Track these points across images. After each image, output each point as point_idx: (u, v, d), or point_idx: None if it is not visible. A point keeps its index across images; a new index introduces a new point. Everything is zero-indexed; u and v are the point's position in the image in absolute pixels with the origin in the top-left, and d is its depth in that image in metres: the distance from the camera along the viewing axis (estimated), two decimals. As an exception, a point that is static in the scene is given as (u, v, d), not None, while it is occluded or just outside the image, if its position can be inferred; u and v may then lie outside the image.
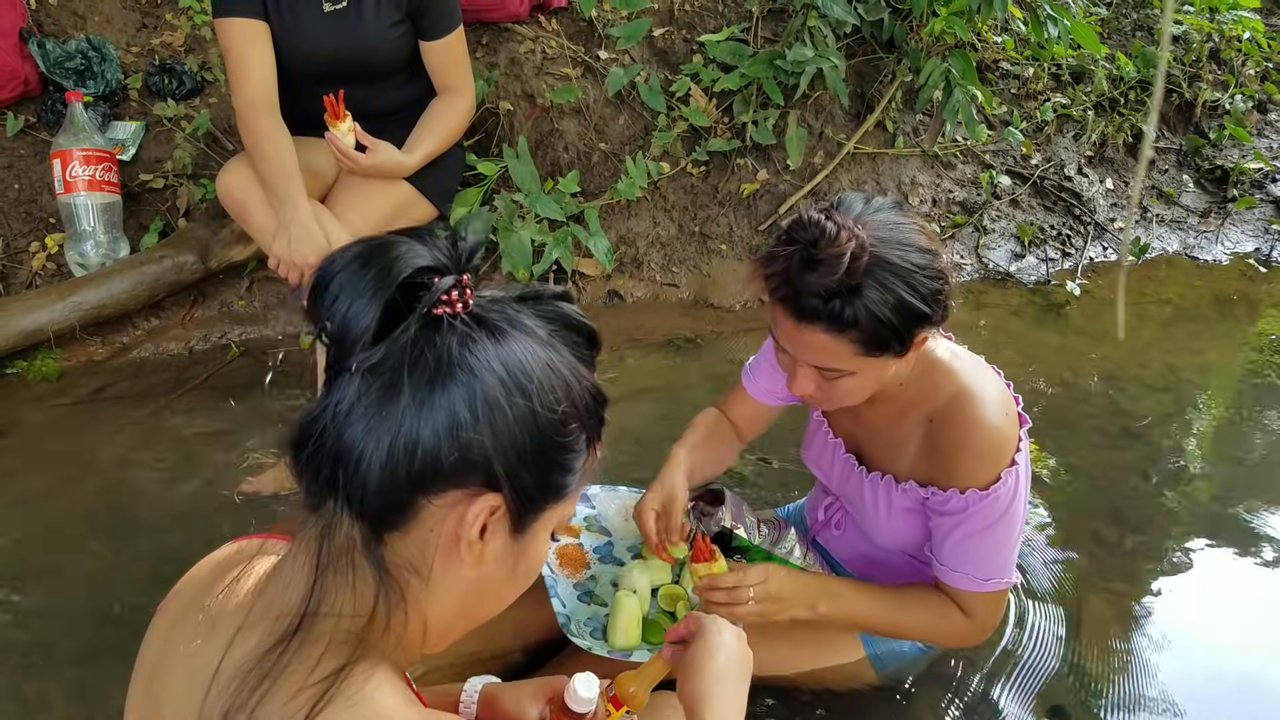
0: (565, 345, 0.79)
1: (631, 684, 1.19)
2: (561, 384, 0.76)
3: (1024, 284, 3.73)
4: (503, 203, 2.97)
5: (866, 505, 1.59)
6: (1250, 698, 1.91)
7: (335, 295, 0.71)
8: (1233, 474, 2.65)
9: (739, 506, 1.72)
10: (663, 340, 3.09)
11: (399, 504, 0.73)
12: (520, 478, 0.76)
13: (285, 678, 0.71)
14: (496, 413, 0.73)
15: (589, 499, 1.90)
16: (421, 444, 0.71)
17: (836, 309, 1.25)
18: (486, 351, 0.73)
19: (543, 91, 3.33)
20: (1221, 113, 4.58)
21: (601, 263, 3.14)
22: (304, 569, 0.76)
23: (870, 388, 1.38)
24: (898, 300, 1.25)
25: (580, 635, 1.56)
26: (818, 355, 1.32)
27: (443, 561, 0.77)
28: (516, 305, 0.78)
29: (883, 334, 1.27)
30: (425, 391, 0.71)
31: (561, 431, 0.77)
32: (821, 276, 1.22)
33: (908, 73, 3.73)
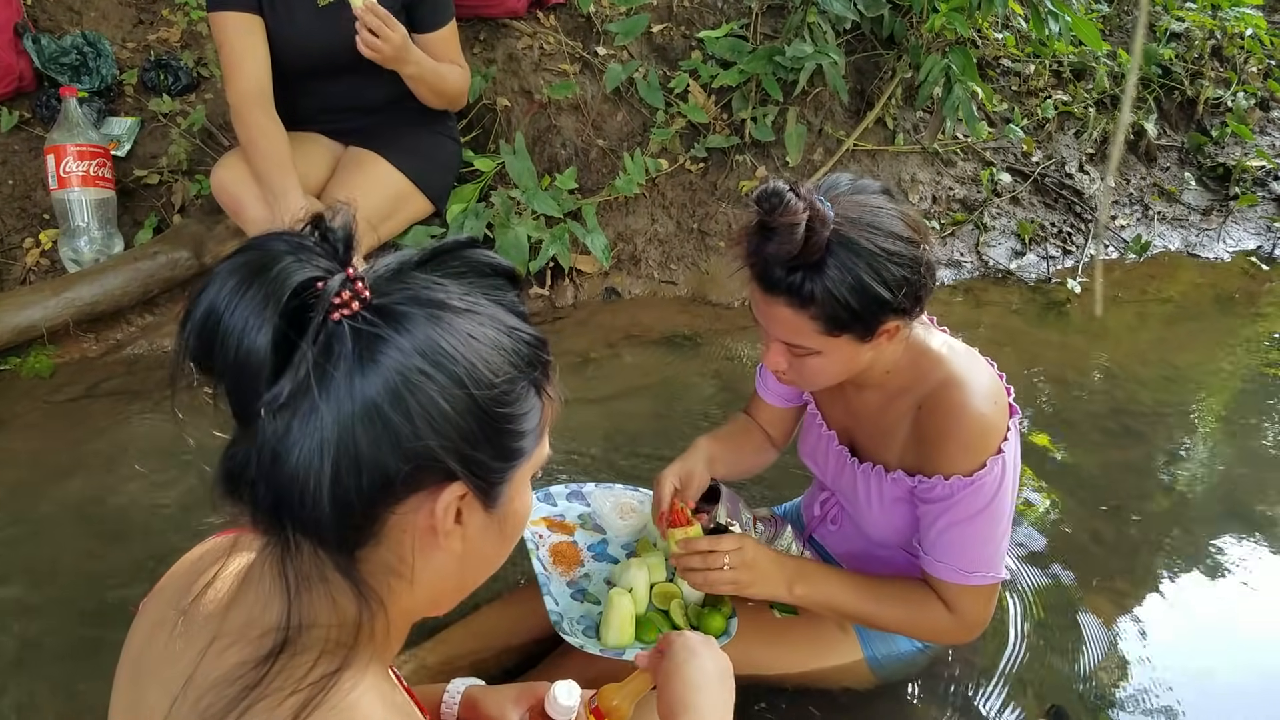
0: (485, 299, 0.73)
1: (615, 696, 1.18)
2: (492, 351, 0.71)
3: (1024, 282, 3.71)
4: (500, 199, 2.96)
5: (860, 498, 1.57)
6: (1251, 696, 1.90)
7: (218, 338, 0.65)
8: (1235, 472, 2.63)
9: (735, 503, 1.71)
10: (660, 337, 3.07)
11: (360, 524, 0.70)
12: (476, 461, 0.72)
13: (270, 691, 0.69)
14: (433, 411, 0.68)
15: (583, 496, 1.89)
16: (364, 464, 0.67)
17: (797, 282, 1.25)
18: (400, 346, 0.67)
19: (540, 88, 3.31)
20: (1224, 110, 4.56)
21: (599, 259, 3.12)
22: (274, 587, 0.73)
23: (839, 371, 1.38)
24: (857, 281, 1.24)
25: (573, 634, 1.54)
26: (784, 329, 1.32)
27: (423, 556, 0.75)
28: (420, 274, 0.72)
29: (841, 314, 1.27)
30: (349, 409, 0.66)
31: (505, 401, 0.72)
32: (776, 246, 1.22)
33: (908, 69, 3.71)
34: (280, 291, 0.64)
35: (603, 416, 2.57)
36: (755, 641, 1.63)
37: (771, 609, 1.68)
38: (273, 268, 0.65)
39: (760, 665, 1.66)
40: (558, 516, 1.83)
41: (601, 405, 2.63)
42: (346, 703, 0.70)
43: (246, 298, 0.64)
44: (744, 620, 1.60)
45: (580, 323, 3.11)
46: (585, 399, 2.66)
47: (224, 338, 0.64)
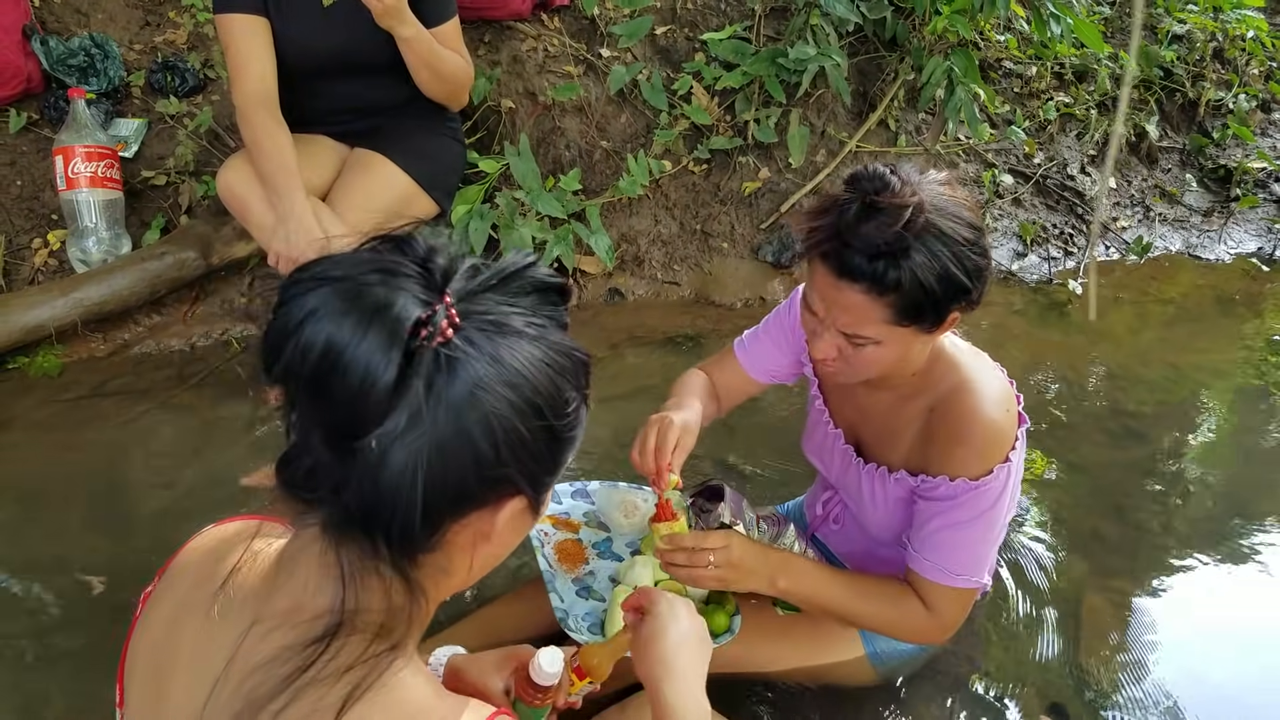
0: (547, 318, 0.76)
1: (595, 656, 1.21)
2: (560, 376, 0.75)
3: (1026, 283, 3.72)
4: (504, 200, 2.97)
5: (864, 497, 1.59)
6: (1251, 695, 1.91)
7: (338, 373, 0.66)
8: (1235, 472, 2.64)
9: (738, 502, 1.72)
10: (663, 338, 3.09)
11: (431, 534, 0.74)
12: (540, 478, 0.77)
13: (323, 673, 0.72)
14: (514, 437, 0.72)
15: (588, 495, 1.90)
16: (449, 484, 0.71)
17: (880, 270, 1.23)
18: (488, 375, 0.70)
19: (544, 89, 3.33)
20: (1225, 112, 4.57)
21: (603, 260, 3.14)
22: (326, 572, 0.75)
23: (893, 362, 1.36)
24: (943, 269, 1.24)
25: (578, 630, 1.56)
26: (850, 317, 1.30)
27: (468, 557, 0.80)
28: (493, 296, 0.74)
29: (922, 302, 1.26)
30: (444, 434, 0.69)
31: (572, 424, 0.78)
32: (879, 226, 1.21)
33: (910, 71, 3.72)
34: (401, 331, 0.66)
35: (607, 416, 2.59)
36: (759, 639, 1.65)
37: (774, 606, 1.70)
38: (392, 305, 0.67)
39: (764, 662, 1.68)
40: (563, 514, 1.85)
41: (606, 405, 2.65)
42: (396, 681, 0.74)
43: (370, 337, 0.66)
44: (748, 618, 1.62)
45: (583, 323, 3.12)
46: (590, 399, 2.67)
47: (346, 373, 0.66)
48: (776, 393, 2.68)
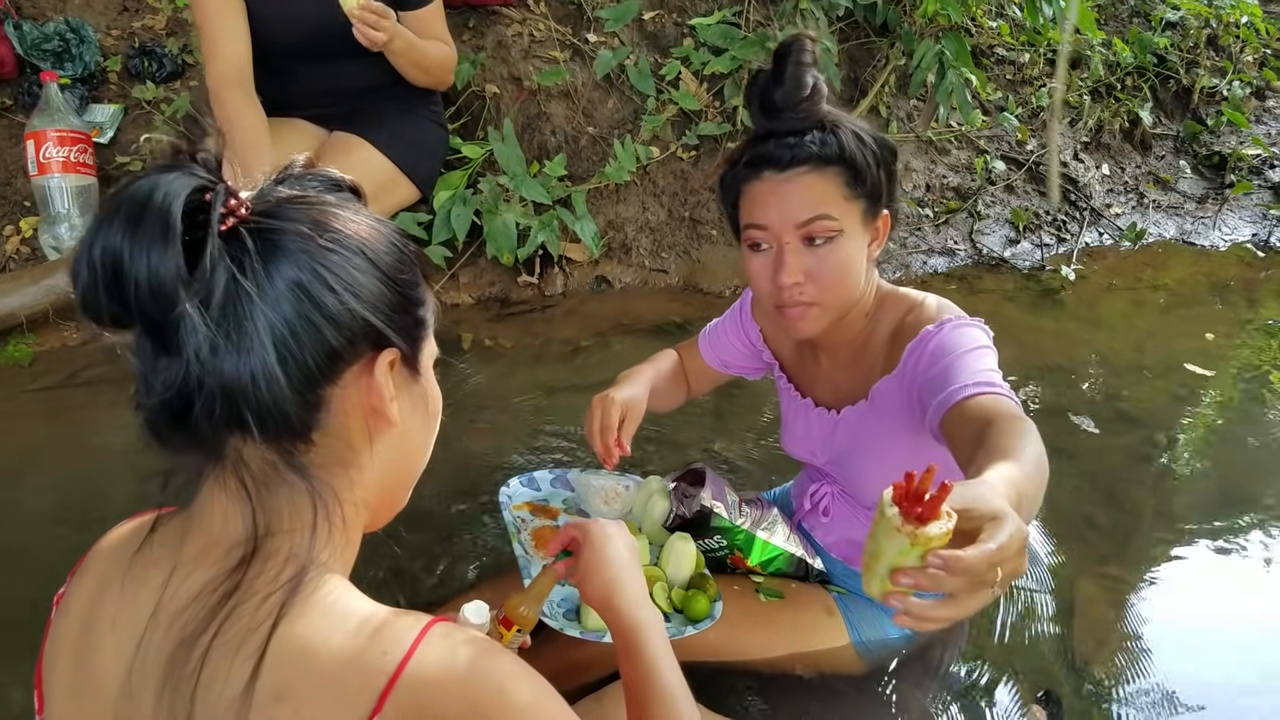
0: (346, 200, 0.81)
1: (521, 604, 1.20)
2: (374, 228, 0.79)
3: (1019, 269, 3.68)
4: (488, 186, 2.92)
5: (844, 449, 1.55)
6: (1244, 681, 1.86)
7: (127, 280, 0.66)
8: (1229, 459, 2.60)
9: (720, 486, 1.68)
10: (651, 326, 3.04)
11: (309, 405, 0.74)
12: (398, 323, 0.79)
13: (249, 595, 0.72)
14: (349, 280, 0.74)
15: (568, 482, 1.86)
16: (303, 340, 0.72)
17: (817, 141, 1.30)
18: (299, 232, 0.73)
19: (530, 74, 3.28)
20: (1219, 99, 4.53)
21: (589, 247, 3.09)
22: (233, 503, 0.76)
23: (850, 273, 1.37)
24: (868, 136, 1.35)
25: (553, 616, 1.51)
26: (806, 202, 1.32)
27: (367, 438, 0.81)
28: (283, 188, 0.78)
29: (859, 163, 1.32)
30: (273, 293, 0.70)
31: (403, 269, 0.80)
32: (796, 80, 1.29)
33: (901, 56, 3.68)
34: (170, 211, 0.66)
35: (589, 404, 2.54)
36: (740, 625, 1.60)
37: (757, 592, 1.66)
38: (154, 195, 0.67)
39: (745, 649, 1.63)
40: (541, 501, 1.80)
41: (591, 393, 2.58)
42: (326, 592, 0.74)
43: (142, 230, 0.66)
44: (728, 604, 1.57)
45: (570, 311, 3.08)
46: (575, 387, 2.63)
47: (133, 276, 0.66)
48: (764, 380, 2.64)
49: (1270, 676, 1.88)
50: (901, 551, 0.79)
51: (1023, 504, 0.93)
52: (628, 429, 1.56)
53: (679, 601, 1.56)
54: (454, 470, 2.25)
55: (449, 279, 3.04)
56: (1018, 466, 1.02)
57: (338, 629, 0.72)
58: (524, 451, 2.37)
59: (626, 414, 1.57)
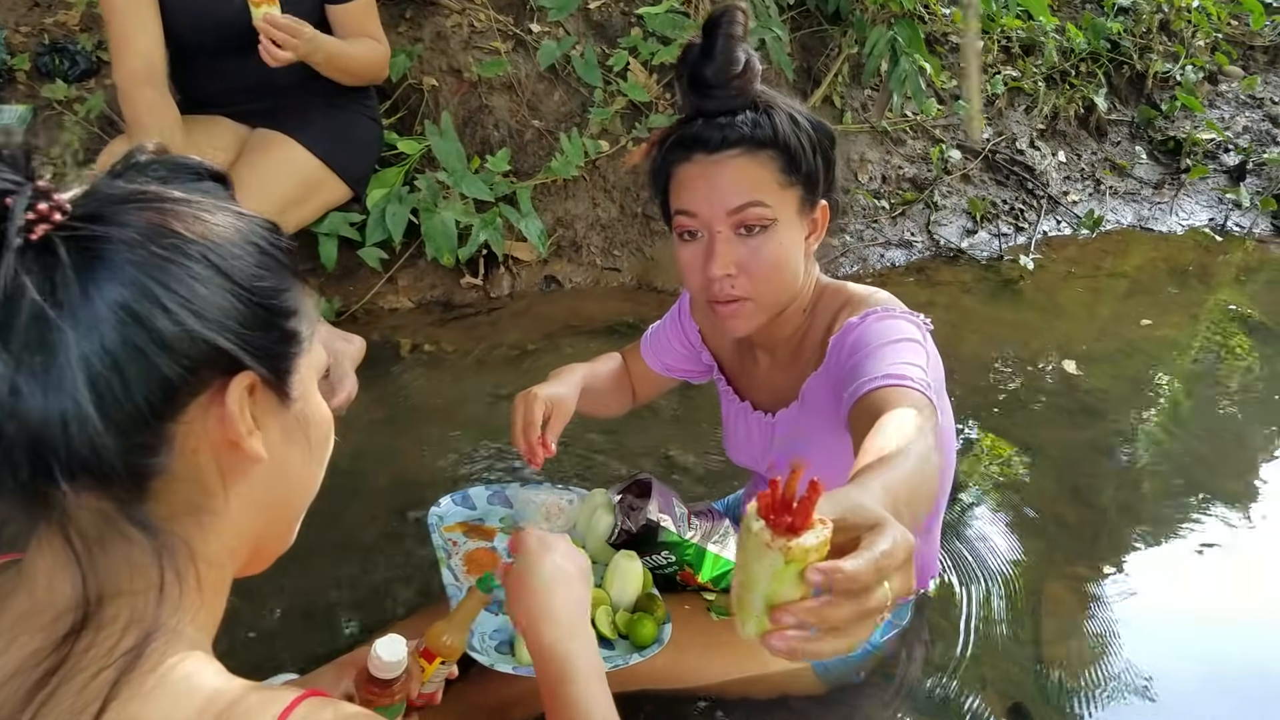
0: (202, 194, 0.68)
1: (444, 633, 1.11)
2: (227, 227, 0.66)
3: (977, 260, 3.61)
4: (425, 183, 2.79)
5: (783, 454, 1.47)
6: (1215, 678, 1.80)
7: None
8: (1194, 448, 2.54)
9: (667, 497, 1.57)
10: (603, 326, 2.92)
11: (142, 448, 0.63)
12: (254, 342, 0.66)
13: (75, 671, 0.62)
14: (187, 294, 0.62)
15: (506, 499, 1.74)
16: (129, 373, 0.60)
17: (749, 122, 1.23)
18: (125, 239, 0.61)
19: (470, 66, 3.15)
20: (1172, 84, 4.51)
21: (535, 246, 2.97)
22: (59, 562, 0.65)
23: (786, 268, 1.29)
24: (803, 119, 1.27)
25: (483, 651, 1.39)
26: (738, 187, 1.24)
27: (227, 479, 0.69)
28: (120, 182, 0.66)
29: (794, 147, 1.24)
30: (89, 317, 0.58)
31: (262, 275, 0.67)
32: (724, 56, 1.20)
33: (854, 45, 3.59)
34: None
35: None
36: (691, 649, 1.49)
37: (709, 611, 1.55)
38: None
39: (698, 675, 1.53)
40: (476, 520, 1.68)
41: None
42: (175, 670, 0.63)
43: None
44: (678, 625, 1.47)
45: (517, 314, 2.95)
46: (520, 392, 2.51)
47: None
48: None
49: (1244, 674, 1.82)
50: (776, 574, 0.67)
51: (901, 510, 0.82)
52: (553, 427, 1.47)
53: (624, 626, 1.45)
54: (387, 489, 2.12)
55: (386, 282, 2.90)
56: (895, 468, 0.91)
57: (178, 711, 0.61)
58: (467, 464, 2.24)
59: (552, 411, 1.47)
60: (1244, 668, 1.83)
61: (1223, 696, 1.76)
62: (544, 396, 1.47)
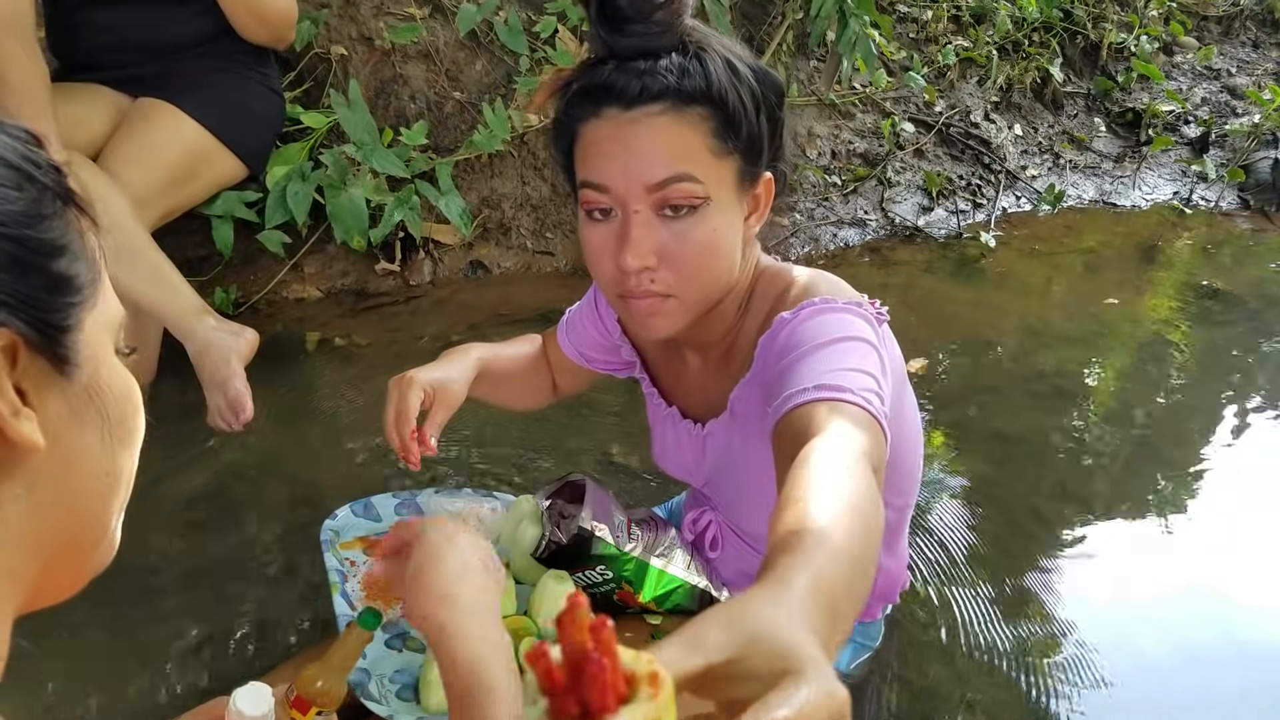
0: None
1: (319, 677, 0.94)
2: None
3: (934, 238, 3.41)
4: (331, 159, 2.50)
5: (712, 468, 1.25)
6: (1201, 677, 1.64)
7: None
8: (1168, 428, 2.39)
9: (604, 502, 1.33)
10: (536, 315, 2.67)
11: None
12: (13, 288, 0.50)
13: None
14: None
15: (417, 506, 1.47)
16: None
17: (675, 69, 0.95)
18: None
19: (382, 33, 2.87)
20: (1128, 55, 4.38)
21: (458, 227, 2.70)
22: None
23: (719, 255, 1.02)
24: (745, 66, 0.99)
25: (382, 699, 1.13)
26: (660, 155, 0.96)
27: None
28: None
29: (739, 105, 0.97)
30: None
31: (11, 200, 0.51)
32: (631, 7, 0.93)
33: (799, 11, 3.37)
34: None
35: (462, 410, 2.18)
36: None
37: (653, 638, 1.31)
38: None
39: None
40: (380, 535, 1.41)
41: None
42: None
43: None
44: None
45: (439, 302, 2.69)
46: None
47: None
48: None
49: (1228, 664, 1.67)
50: None
51: (838, 615, 0.59)
52: (433, 418, 1.23)
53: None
54: (288, 501, 1.86)
55: (290, 270, 2.61)
56: (823, 545, 0.65)
57: None
58: (381, 472, 1.98)
59: (433, 399, 1.23)
60: (1244, 668, 1.66)
61: (1203, 696, 1.60)
62: (422, 381, 1.22)
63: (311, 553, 1.72)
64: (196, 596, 1.62)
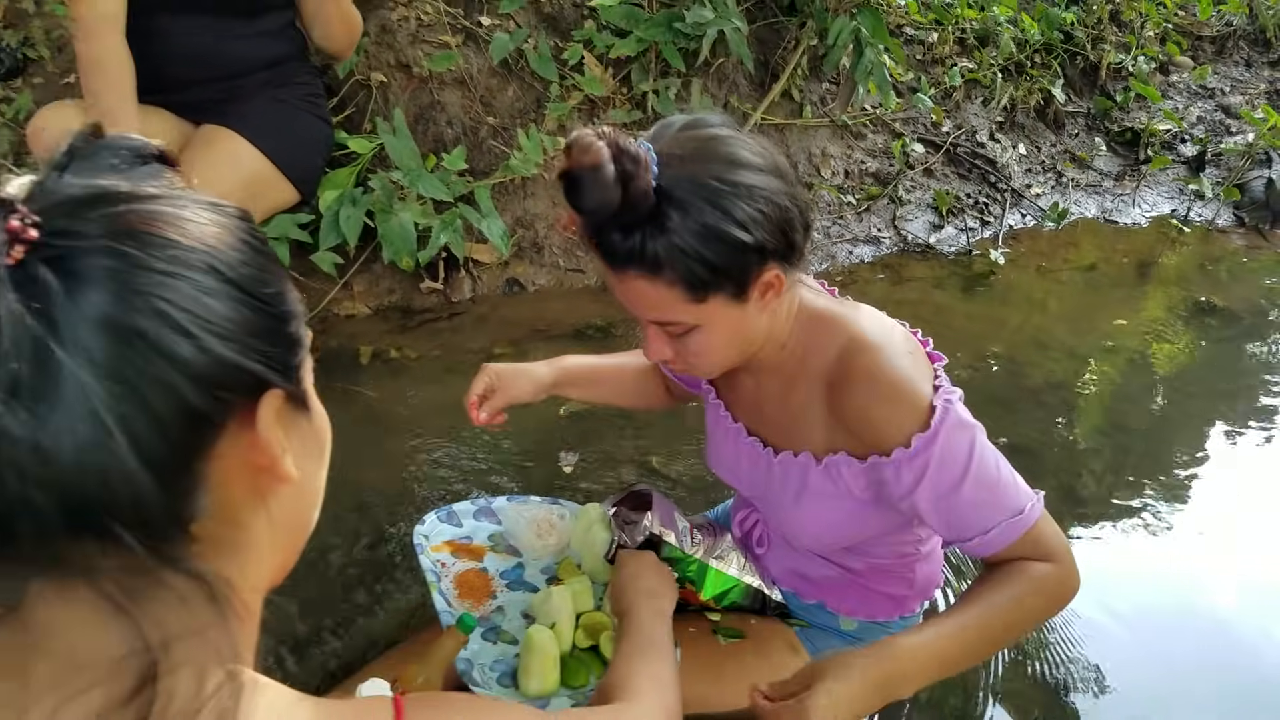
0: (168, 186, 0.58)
1: (422, 674, 1.09)
2: (215, 226, 0.57)
3: (945, 255, 3.55)
4: (379, 183, 2.64)
5: (775, 493, 1.34)
6: (1218, 687, 1.75)
7: None
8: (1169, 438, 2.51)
9: (668, 510, 1.46)
10: (571, 330, 2.80)
11: (181, 493, 0.55)
12: (273, 356, 0.59)
13: (172, 714, 0.56)
14: (200, 311, 0.53)
15: (494, 513, 1.61)
16: (157, 407, 0.51)
17: (637, 245, 1.03)
18: (119, 253, 0.51)
19: (419, 60, 3.00)
20: (1125, 75, 4.52)
21: (497, 247, 2.83)
22: (91, 616, 0.56)
23: (730, 343, 1.16)
24: (703, 228, 1.02)
25: (485, 684, 1.27)
26: (648, 307, 1.11)
27: (255, 505, 0.63)
28: (75, 178, 0.55)
29: (699, 271, 1.05)
30: (100, 349, 0.49)
31: (265, 279, 0.59)
32: (592, 199, 0.99)
33: (813, 36, 3.51)
34: None
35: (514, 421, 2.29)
36: (699, 675, 1.37)
37: (714, 634, 1.44)
38: None
39: (707, 701, 1.41)
40: (464, 539, 1.55)
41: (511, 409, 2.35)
42: (267, 698, 0.61)
43: None
44: (686, 651, 1.36)
45: (480, 318, 2.82)
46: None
47: None
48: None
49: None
50: None
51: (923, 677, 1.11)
52: (493, 401, 1.45)
53: (630, 654, 1.34)
54: (355, 508, 1.98)
55: (341, 288, 2.74)
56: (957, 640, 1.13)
57: None
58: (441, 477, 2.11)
59: (496, 385, 1.46)
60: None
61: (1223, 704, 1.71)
62: (489, 370, 1.46)
63: (381, 556, 1.86)
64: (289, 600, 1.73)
